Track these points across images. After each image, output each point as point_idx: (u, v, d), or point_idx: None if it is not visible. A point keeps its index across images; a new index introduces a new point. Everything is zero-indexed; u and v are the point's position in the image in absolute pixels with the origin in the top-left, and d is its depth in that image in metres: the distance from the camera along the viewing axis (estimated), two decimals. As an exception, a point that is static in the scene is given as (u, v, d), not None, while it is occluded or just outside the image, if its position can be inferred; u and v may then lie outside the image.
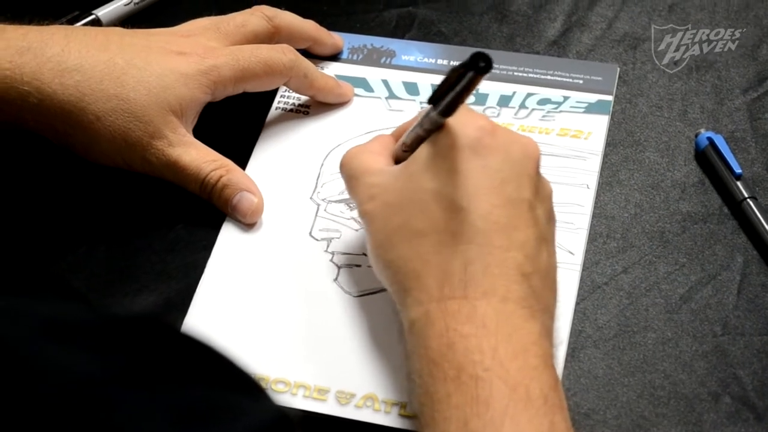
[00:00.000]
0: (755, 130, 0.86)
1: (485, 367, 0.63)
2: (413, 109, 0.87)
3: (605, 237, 0.80)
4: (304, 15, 0.94)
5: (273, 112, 0.88)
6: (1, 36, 0.79)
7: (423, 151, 0.69)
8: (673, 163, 0.84)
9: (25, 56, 0.78)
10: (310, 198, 0.82)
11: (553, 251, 0.69)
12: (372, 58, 0.91)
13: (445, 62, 0.90)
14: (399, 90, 0.89)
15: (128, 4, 0.94)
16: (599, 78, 0.88)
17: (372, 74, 0.90)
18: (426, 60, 0.90)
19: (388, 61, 0.90)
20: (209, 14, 0.95)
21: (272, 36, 0.86)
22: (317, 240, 0.80)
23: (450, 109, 0.68)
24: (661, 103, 0.88)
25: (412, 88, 0.89)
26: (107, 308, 0.76)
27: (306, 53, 0.89)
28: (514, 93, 0.87)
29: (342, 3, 0.95)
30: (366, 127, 0.86)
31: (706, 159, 0.84)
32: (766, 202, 0.81)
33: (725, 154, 0.83)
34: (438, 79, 0.86)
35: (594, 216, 0.81)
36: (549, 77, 0.88)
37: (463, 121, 0.69)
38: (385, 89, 0.89)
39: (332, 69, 0.90)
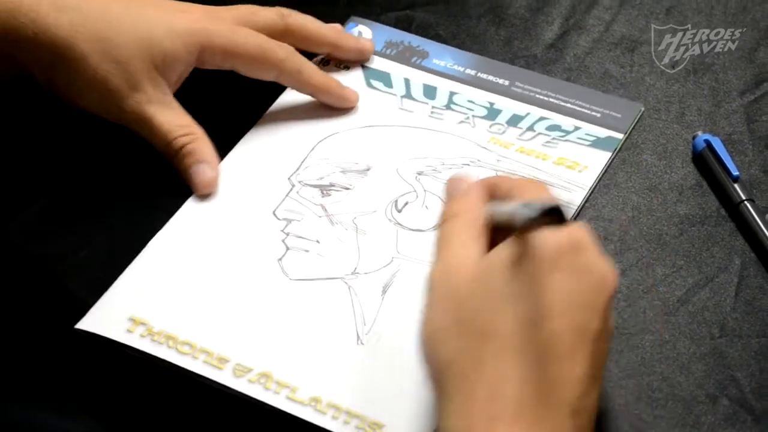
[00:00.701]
0: (752, 132, 0.86)
1: None
2: (423, 111, 0.87)
3: (602, 239, 0.80)
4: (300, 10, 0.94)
5: (288, 91, 0.88)
6: None
7: (505, 250, 0.65)
8: (670, 166, 0.84)
9: None
10: (288, 178, 0.83)
11: (599, 392, 0.65)
12: (404, 56, 0.91)
13: (472, 72, 0.90)
14: (417, 91, 0.89)
15: None
16: (618, 115, 0.87)
17: (397, 71, 0.90)
18: (456, 67, 0.90)
19: (418, 62, 0.91)
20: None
21: (283, 34, 0.86)
22: (278, 219, 0.81)
23: (545, 224, 0.64)
24: (658, 105, 0.88)
25: (429, 92, 0.89)
26: None
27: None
28: (528, 114, 0.87)
29: (340, 5, 0.95)
30: (370, 121, 0.87)
31: (704, 161, 0.84)
32: (764, 205, 0.81)
33: (722, 157, 0.83)
34: (457, 87, 0.89)
35: (591, 219, 0.81)
36: (567, 105, 0.87)
37: (550, 231, 0.64)
38: (403, 87, 0.89)
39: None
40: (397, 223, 0.80)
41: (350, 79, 0.89)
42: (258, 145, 0.85)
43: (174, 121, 0.82)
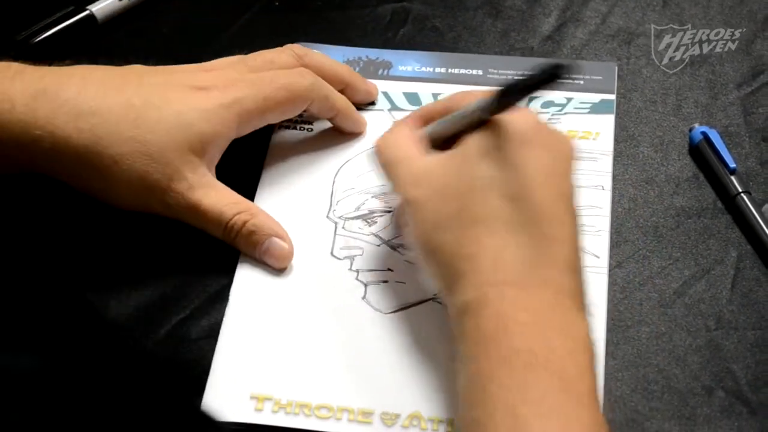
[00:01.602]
0: (749, 124, 0.86)
1: (539, 358, 0.63)
2: None
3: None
4: (299, 11, 0.94)
5: (277, 132, 0.86)
6: (20, 78, 0.77)
7: (474, 140, 0.70)
8: (667, 158, 0.84)
9: (40, 100, 0.76)
10: (327, 217, 0.81)
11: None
12: (369, 71, 0.90)
13: (442, 70, 0.89)
14: (401, 101, 0.88)
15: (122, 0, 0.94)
16: (599, 77, 0.88)
17: None
18: (424, 69, 0.90)
19: (385, 73, 0.90)
20: (202, 10, 0.96)
21: None
22: (340, 259, 0.79)
23: (504, 109, 0.70)
24: (655, 97, 0.88)
25: (413, 99, 0.88)
26: None
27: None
28: None
29: (335, 1, 0.95)
30: (371, 141, 0.84)
31: (700, 154, 0.84)
32: (760, 197, 0.81)
33: (719, 149, 0.83)
34: (437, 87, 0.88)
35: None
36: None
37: (512, 113, 0.70)
38: (386, 101, 0.88)
39: None
40: None
41: None
42: (278, 192, 0.83)
43: (223, 201, 0.78)
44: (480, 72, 0.89)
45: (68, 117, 0.76)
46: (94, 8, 0.93)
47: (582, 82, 0.87)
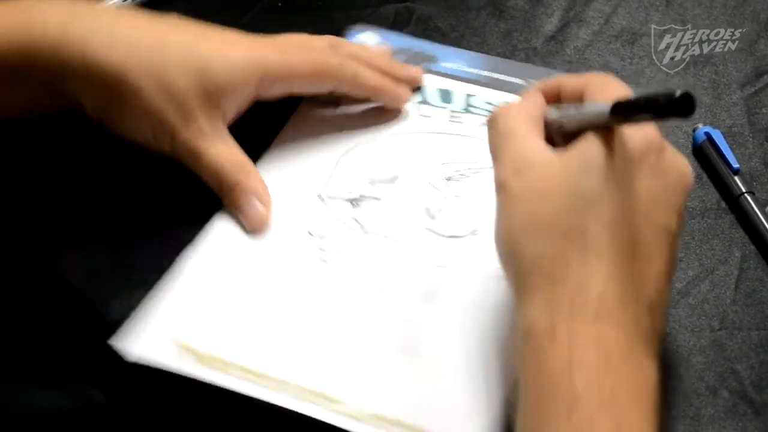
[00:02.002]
0: (753, 124, 0.86)
1: (601, 405, 0.60)
2: (442, 116, 0.86)
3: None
4: (301, 11, 0.94)
5: (303, 105, 0.87)
6: (54, 2, 0.78)
7: (590, 147, 0.65)
8: (670, 158, 0.84)
9: (74, 24, 0.77)
10: (317, 194, 0.82)
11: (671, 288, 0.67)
12: (413, 62, 0.90)
13: (485, 73, 0.89)
14: (433, 97, 0.88)
15: (125, 1, 0.94)
16: None
17: None
18: (466, 69, 0.90)
19: (428, 66, 0.90)
20: (204, 11, 0.95)
21: None
22: (312, 236, 0.80)
23: (625, 120, 0.64)
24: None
25: (445, 96, 0.88)
26: None
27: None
28: None
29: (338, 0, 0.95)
30: (392, 130, 0.85)
31: (704, 154, 0.84)
32: (764, 197, 0.81)
33: (723, 149, 0.83)
34: (473, 89, 0.88)
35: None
36: None
37: (638, 129, 0.65)
38: (419, 94, 0.88)
39: None
40: (432, 231, 0.79)
41: None
42: (281, 163, 0.84)
43: (227, 156, 0.80)
44: (522, 82, 0.88)
45: (101, 42, 0.77)
46: (97, 8, 0.93)
47: None
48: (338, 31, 0.92)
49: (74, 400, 0.70)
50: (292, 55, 0.82)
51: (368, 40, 0.92)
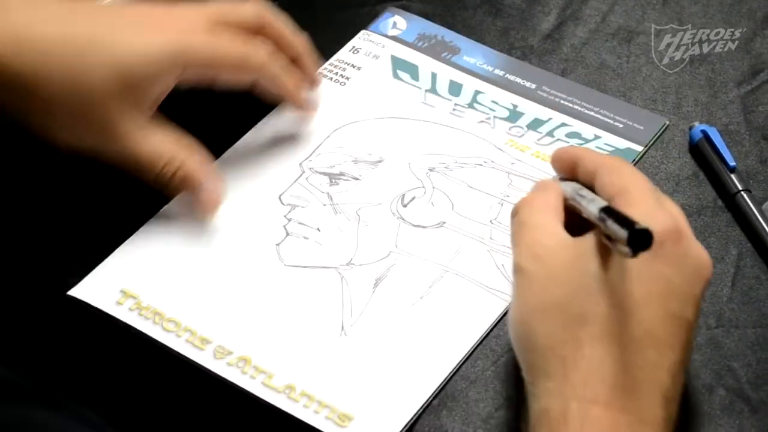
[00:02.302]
0: (749, 122, 0.86)
1: None
2: (445, 108, 0.87)
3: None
4: (299, 8, 0.94)
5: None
6: None
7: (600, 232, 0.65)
8: (667, 156, 0.84)
9: None
10: (300, 164, 0.83)
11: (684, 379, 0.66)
12: (435, 50, 0.91)
13: (500, 73, 0.89)
14: (442, 87, 0.88)
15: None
16: (641, 127, 0.85)
17: (425, 64, 0.90)
18: (485, 66, 0.90)
19: (448, 57, 0.90)
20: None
21: (257, 31, 0.82)
22: (283, 204, 0.81)
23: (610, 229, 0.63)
24: (655, 96, 0.88)
25: (455, 89, 0.88)
26: None
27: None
28: (549, 119, 0.86)
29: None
30: (390, 112, 0.86)
31: (700, 152, 0.84)
32: (760, 195, 0.81)
33: (719, 147, 0.83)
34: (482, 86, 0.88)
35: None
36: (591, 113, 0.86)
37: (652, 216, 0.64)
38: (429, 82, 0.89)
39: (389, 49, 0.91)
40: (401, 218, 0.80)
41: (377, 67, 0.89)
42: (274, 130, 0.85)
43: (158, 147, 0.76)
44: (534, 86, 0.88)
45: (9, 47, 0.73)
46: (94, 6, 0.93)
47: (621, 126, 0.86)
48: (335, 31, 0.92)
49: (74, 421, 0.70)
50: (219, 45, 0.78)
51: (397, 23, 0.92)
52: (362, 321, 0.75)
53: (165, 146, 0.77)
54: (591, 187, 0.69)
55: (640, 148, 0.84)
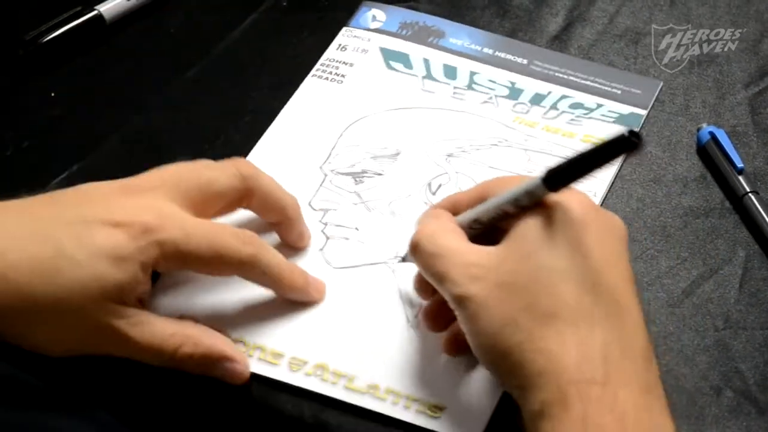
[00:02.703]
0: (757, 124, 0.86)
1: None
2: (446, 92, 0.87)
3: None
4: (306, 10, 0.94)
5: (308, 78, 0.88)
6: None
7: (531, 228, 0.66)
8: (674, 158, 0.84)
9: None
10: (320, 167, 0.83)
11: None
12: (420, 36, 0.91)
13: (489, 51, 0.90)
14: (437, 72, 0.89)
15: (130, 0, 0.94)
16: (638, 91, 0.87)
17: (415, 51, 0.90)
18: (473, 46, 0.91)
19: (435, 41, 0.91)
20: (209, 10, 0.95)
21: (242, 198, 0.75)
22: (314, 210, 0.81)
23: (564, 186, 0.66)
24: (662, 97, 0.88)
25: (450, 72, 0.89)
26: None
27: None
28: (549, 93, 0.87)
29: (344, -1, 0.95)
30: (394, 103, 0.87)
31: (708, 153, 0.84)
32: (768, 197, 0.81)
33: (727, 149, 0.83)
34: (478, 67, 0.89)
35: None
36: (588, 82, 0.88)
37: (566, 196, 0.66)
38: (423, 68, 0.89)
39: (376, 41, 0.91)
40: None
41: (368, 61, 0.90)
42: (285, 136, 0.85)
43: (159, 336, 0.70)
44: (525, 62, 0.89)
45: None
46: (102, 8, 0.93)
47: (619, 92, 0.87)
48: (342, 29, 0.92)
49: (87, 423, 0.69)
50: (194, 239, 0.70)
51: (376, 15, 0.93)
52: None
53: (168, 330, 0.71)
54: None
55: (643, 112, 0.86)
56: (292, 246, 0.78)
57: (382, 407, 0.70)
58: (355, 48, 0.91)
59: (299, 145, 0.84)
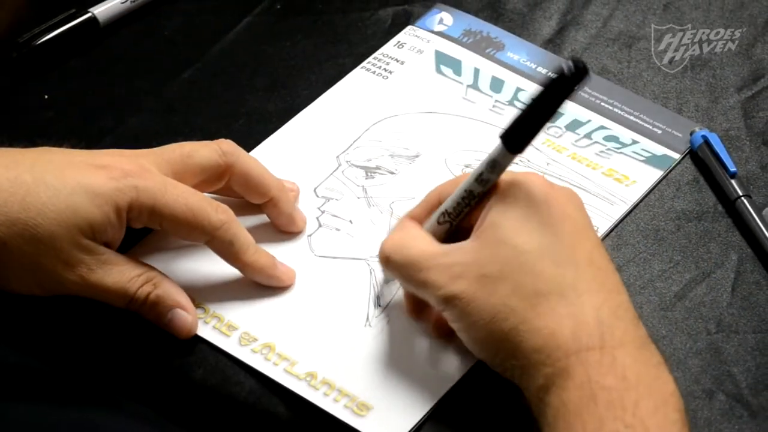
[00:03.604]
0: (749, 128, 0.86)
1: (627, 424, 0.61)
2: (486, 104, 0.87)
3: (600, 235, 0.80)
4: (300, 14, 0.95)
5: (357, 70, 0.89)
6: None
7: (498, 215, 0.68)
8: (667, 162, 0.85)
9: None
10: (337, 156, 0.84)
11: None
12: (479, 45, 0.91)
13: (544, 71, 0.89)
14: (483, 83, 0.89)
15: (125, 2, 0.94)
16: (679, 134, 0.85)
17: (468, 59, 0.91)
18: (527, 63, 0.90)
19: (492, 53, 0.91)
20: (204, 12, 0.96)
21: (222, 174, 0.77)
22: (317, 196, 0.81)
23: (525, 143, 0.67)
24: (655, 101, 0.88)
25: (496, 85, 0.89)
26: None
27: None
28: (589, 121, 0.86)
29: (337, 1, 0.95)
30: (430, 107, 0.87)
31: (701, 157, 0.84)
32: (761, 201, 0.81)
33: (720, 153, 0.83)
34: (524, 83, 0.88)
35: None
36: (631, 117, 0.87)
37: (521, 177, 0.68)
38: (471, 77, 0.89)
39: (434, 44, 0.91)
40: None
41: (420, 62, 0.90)
42: (314, 121, 0.86)
43: (125, 276, 0.72)
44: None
45: None
46: (96, 10, 0.93)
47: (659, 131, 0.86)
48: (336, 35, 0.92)
49: (135, 421, 0.70)
50: (171, 193, 0.72)
51: (444, 19, 0.93)
52: (387, 313, 0.75)
53: (132, 270, 0.73)
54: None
55: (677, 156, 0.84)
56: (283, 230, 0.79)
57: (313, 396, 0.71)
58: (412, 47, 0.91)
59: (325, 131, 0.85)
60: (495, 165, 0.68)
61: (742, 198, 0.81)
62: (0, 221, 0.69)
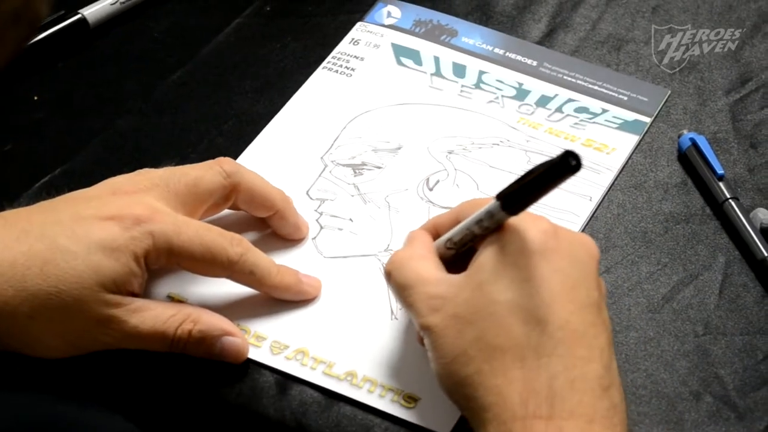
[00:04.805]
0: (737, 131, 0.86)
1: None
2: (453, 90, 0.88)
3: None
4: (290, 16, 0.95)
5: (318, 71, 0.90)
6: None
7: (488, 257, 0.66)
8: (655, 164, 0.85)
9: None
10: (321, 157, 0.84)
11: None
12: (433, 34, 0.92)
13: (500, 51, 0.91)
14: (446, 70, 0.90)
15: (114, 3, 0.94)
16: (645, 98, 0.87)
17: (427, 49, 0.91)
18: (484, 46, 0.91)
19: (447, 40, 0.92)
20: (193, 14, 0.95)
21: (228, 196, 0.76)
22: (312, 199, 0.82)
23: (520, 208, 0.66)
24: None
25: (459, 71, 0.90)
26: None
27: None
28: (556, 95, 0.88)
29: (327, 4, 0.96)
30: (400, 99, 0.88)
31: (689, 160, 0.84)
32: (748, 203, 0.82)
33: (707, 155, 0.83)
34: (486, 66, 0.90)
35: (577, 216, 0.82)
36: (596, 87, 0.88)
37: (525, 223, 0.66)
38: (433, 65, 0.90)
39: (388, 37, 0.91)
40: (429, 201, 0.82)
41: (379, 57, 0.90)
42: (289, 125, 0.86)
43: (160, 320, 0.71)
44: (534, 63, 0.90)
45: None
46: (86, 12, 0.93)
47: (626, 98, 0.87)
48: (325, 37, 0.92)
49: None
50: (185, 234, 0.72)
51: (391, 12, 0.93)
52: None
53: (168, 313, 0.72)
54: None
55: (648, 120, 0.86)
56: (289, 239, 0.79)
57: (357, 394, 0.71)
58: (368, 43, 0.91)
59: (303, 135, 0.85)
60: (492, 216, 0.67)
61: (730, 200, 0.81)
62: (23, 297, 0.68)
